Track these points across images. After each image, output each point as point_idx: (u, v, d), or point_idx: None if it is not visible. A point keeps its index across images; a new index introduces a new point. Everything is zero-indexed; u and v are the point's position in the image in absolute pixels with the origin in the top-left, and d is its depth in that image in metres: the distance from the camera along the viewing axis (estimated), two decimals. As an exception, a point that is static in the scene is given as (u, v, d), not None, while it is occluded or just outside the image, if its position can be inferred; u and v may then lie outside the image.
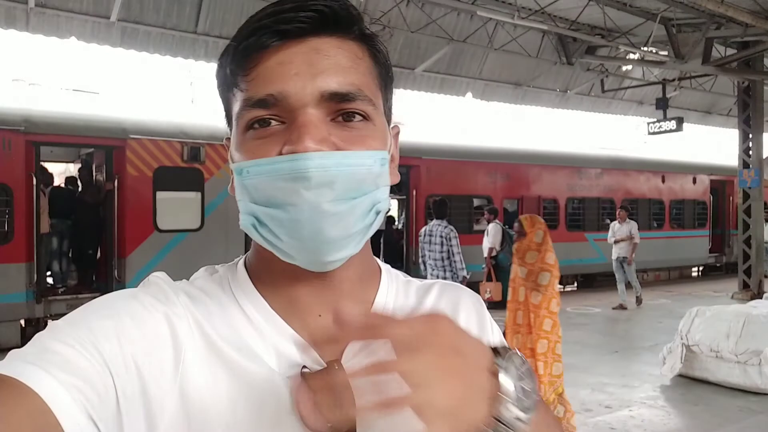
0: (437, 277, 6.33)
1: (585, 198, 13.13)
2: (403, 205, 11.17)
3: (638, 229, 10.10)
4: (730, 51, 10.34)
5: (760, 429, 4.61)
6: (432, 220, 6.91)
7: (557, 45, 11.38)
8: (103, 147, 8.33)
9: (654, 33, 9.13)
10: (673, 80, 11.77)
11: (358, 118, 0.58)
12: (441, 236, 6.56)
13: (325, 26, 0.58)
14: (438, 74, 11.03)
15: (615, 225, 10.22)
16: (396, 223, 12.99)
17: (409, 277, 0.76)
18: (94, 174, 9.04)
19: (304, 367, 0.60)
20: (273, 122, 0.57)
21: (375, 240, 11.08)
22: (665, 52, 10.01)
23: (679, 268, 15.63)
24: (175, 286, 0.65)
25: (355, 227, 0.58)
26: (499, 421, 0.45)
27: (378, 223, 0.62)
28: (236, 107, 0.59)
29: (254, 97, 0.56)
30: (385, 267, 0.73)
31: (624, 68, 12.45)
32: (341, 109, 0.57)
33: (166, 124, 8.76)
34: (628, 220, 10.15)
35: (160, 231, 8.44)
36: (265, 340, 0.61)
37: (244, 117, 0.58)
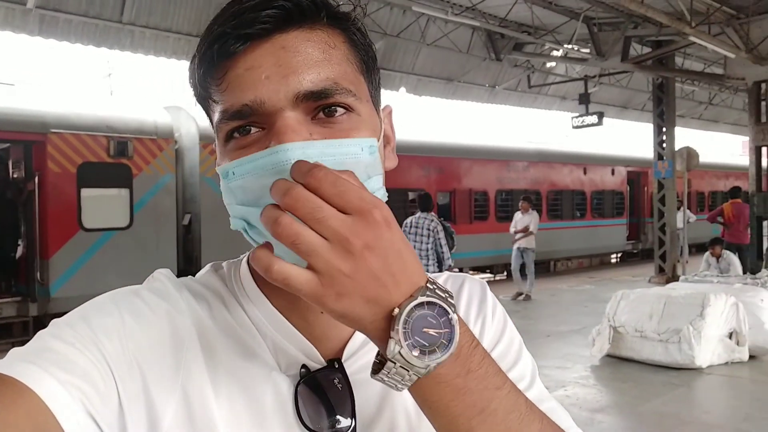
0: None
1: (513, 190, 13.63)
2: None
3: (562, 219, 10.54)
4: (646, 49, 11.01)
5: (680, 401, 4.99)
6: (417, 212, 7.27)
7: (486, 41, 11.71)
8: (21, 142, 7.84)
9: (577, 31, 9.58)
10: (594, 77, 12.38)
11: (340, 111, 0.56)
12: (428, 229, 7.00)
13: (290, 20, 0.55)
14: (372, 68, 11.10)
15: (517, 215, 10.27)
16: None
17: None
18: (10, 171, 8.49)
19: (304, 366, 0.60)
20: (252, 129, 0.55)
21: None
22: (587, 50, 10.52)
23: (600, 255, 16.55)
24: (178, 283, 0.64)
25: None
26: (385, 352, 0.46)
27: None
28: (215, 117, 0.57)
29: (230, 110, 0.54)
30: None
31: (548, 65, 12.97)
32: (320, 105, 0.55)
33: (91, 117, 8.34)
34: (530, 211, 10.20)
35: (86, 230, 8.06)
36: (266, 338, 0.61)
37: (223, 129, 0.56)
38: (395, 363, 0.46)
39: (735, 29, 8.50)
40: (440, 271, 1.24)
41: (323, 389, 0.59)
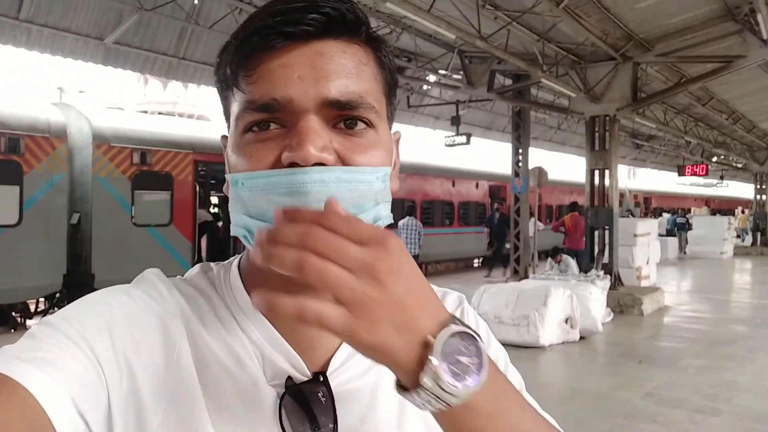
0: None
1: (392, 200, 14.81)
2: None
3: (433, 226, 11.93)
4: (509, 81, 12.72)
5: (530, 371, 6.25)
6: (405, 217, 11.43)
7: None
8: None
9: (452, 62, 10.96)
10: (465, 101, 13.95)
11: (361, 125, 0.56)
12: (415, 228, 11.21)
13: (331, 29, 0.55)
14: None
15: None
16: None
17: None
18: None
19: (289, 378, 0.59)
20: (273, 125, 0.55)
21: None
22: (459, 76, 11.97)
23: (465, 259, 18.35)
24: (169, 283, 0.64)
25: None
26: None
27: None
28: (235, 108, 0.57)
29: (257, 101, 0.54)
30: None
31: (425, 87, 14.37)
32: (343, 115, 0.55)
33: (-22, 112, 8.16)
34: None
35: (-29, 227, 7.87)
36: (254, 346, 0.60)
37: (244, 119, 0.56)
38: (427, 392, 0.45)
39: (577, 72, 10.31)
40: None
41: (307, 402, 0.59)
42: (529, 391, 0.73)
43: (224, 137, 0.64)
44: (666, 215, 25.27)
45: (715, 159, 25.06)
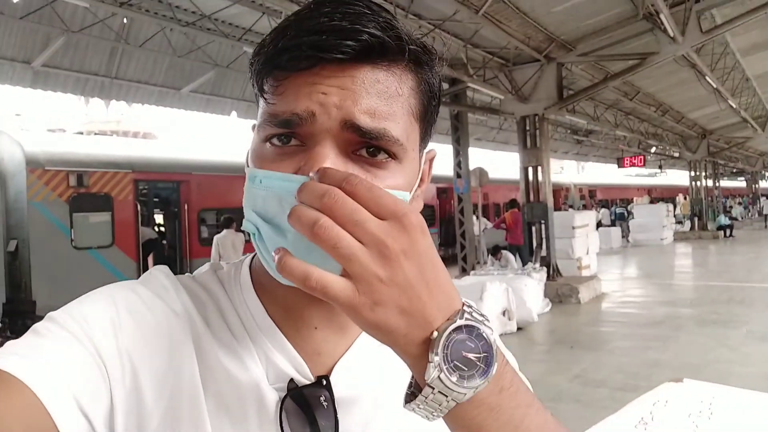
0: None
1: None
2: (175, 219, 11.57)
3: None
4: (446, 84, 13.08)
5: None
6: None
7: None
8: None
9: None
10: (404, 107, 14.25)
11: (383, 155, 0.54)
12: None
13: (369, 55, 0.52)
14: (204, 95, 11.73)
15: None
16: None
17: None
18: None
19: (292, 380, 0.59)
20: (293, 140, 0.54)
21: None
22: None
23: (418, 262, 18.67)
24: (176, 281, 0.63)
25: None
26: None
27: None
28: (259, 116, 0.56)
29: (279, 116, 0.53)
30: None
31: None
32: (365, 142, 0.53)
33: None
34: None
35: None
36: (258, 348, 0.60)
37: (266, 130, 0.55)
38: (433, 389, 0.44)
39: (505, 74, 10.73)
40: None
41: (309, 406, 0.58)
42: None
43: (254, 126, 0.60)
44: (604, 210, 26.16)
45: (653, 150, 26.17)
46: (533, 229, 10.78)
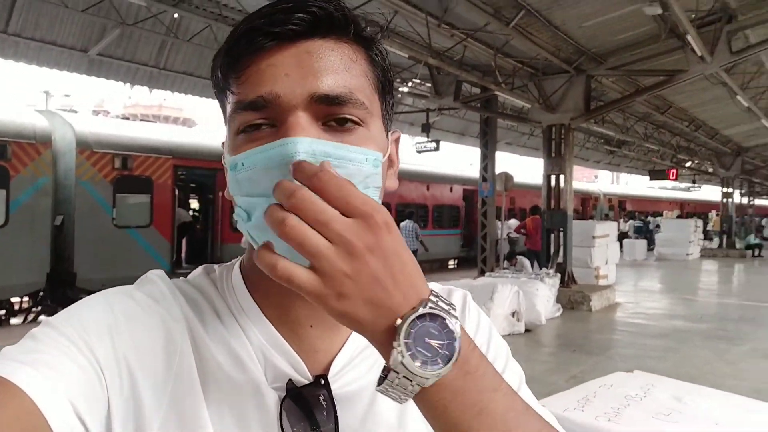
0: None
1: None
2: (209, 205, 12.17)
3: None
4: (477, 89, 13.39)
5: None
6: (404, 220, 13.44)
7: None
8: None
9: (420, 72, 11.62)
10: (434, 110, 14.61)
11: (351, 124, 0.56)
12: (412, 229, 13.32)
13: (318, 28, 0.55)
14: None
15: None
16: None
17: None
18: None
19: (290, 380, 0.60)
20: (264, 127, 0.55)
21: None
22: (429, 84, 12.62)
23: (440, 261, 19.01)
24: (172, 285, 0.64)
25: None
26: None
27: None
28: (228, 109, 0.58)
29: (244, 100, 0.55)
30: None
31: (398, 95, 15.00)
32: (333, 113, 0.55)
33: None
34: None
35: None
36: (255, 347, 0.60)
37: (236, 120, 0.56)
38: (398, 373, 0.46)
39: (534, 84, 11.01)
40: None
41: (308, 405, 0.59)
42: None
43: (224, 144, 0.62)
44: (631, 221, 26.04)
45: (688, 164, 25.94)
46: (552, 236, 11.04)
